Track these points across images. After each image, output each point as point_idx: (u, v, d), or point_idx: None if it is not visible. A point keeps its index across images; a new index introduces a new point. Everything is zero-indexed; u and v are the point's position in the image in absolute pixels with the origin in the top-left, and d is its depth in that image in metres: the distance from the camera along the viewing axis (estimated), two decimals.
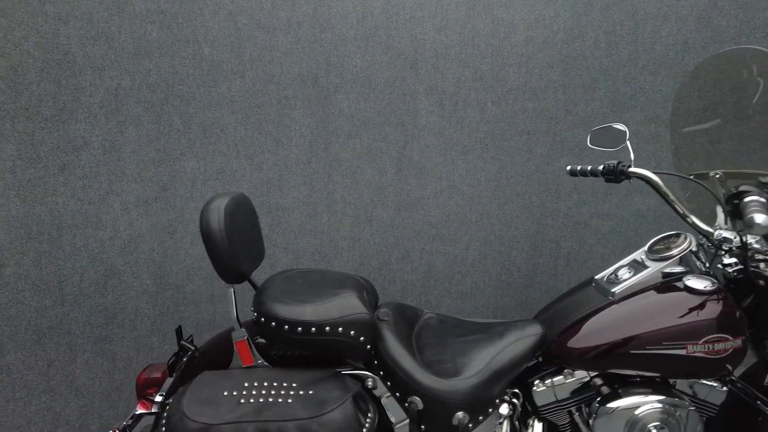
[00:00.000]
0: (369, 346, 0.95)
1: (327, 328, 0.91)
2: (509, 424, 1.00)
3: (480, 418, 0.96)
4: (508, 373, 0.99)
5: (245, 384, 0.87)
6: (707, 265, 1.03)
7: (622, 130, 1.00)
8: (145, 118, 1.58)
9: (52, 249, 1.53)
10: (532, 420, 1.05)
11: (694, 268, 1.03)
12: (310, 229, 1.79)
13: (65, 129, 1.50)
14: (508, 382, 0.99)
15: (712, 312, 0.93)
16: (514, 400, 1.03)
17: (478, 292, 1.91)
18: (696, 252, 1.06)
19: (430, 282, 1.89)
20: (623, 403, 0.94)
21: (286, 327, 0.91)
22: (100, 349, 1.63)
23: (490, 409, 0.97)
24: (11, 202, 1.46)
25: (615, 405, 0.94)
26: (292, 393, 0.86)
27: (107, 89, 1.52)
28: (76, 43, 1.48)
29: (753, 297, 0.99)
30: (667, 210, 1.86)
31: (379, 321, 1.03)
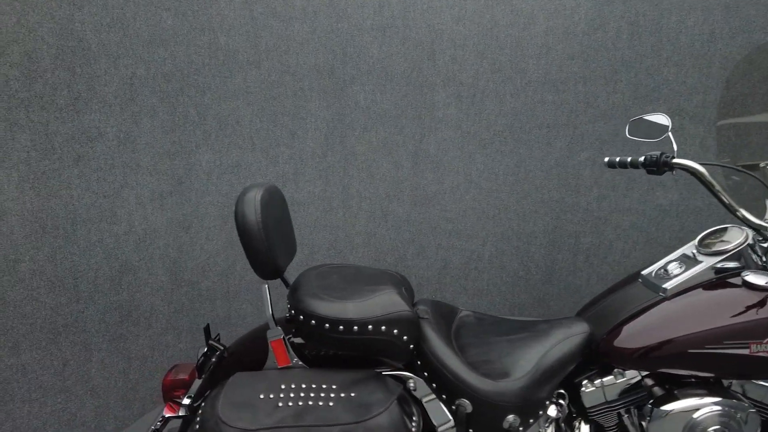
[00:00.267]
0: (412, 346, 0.91)
1: (369, 327, 0.87)
2: (555, 427, 0.97)
3: (531, 421, 0.93)
4: (557, 373, 0.95)
5: (282, 386, 0.83)
6: (764, 260, 0.98)
7: (663, 122, 0.96)
8: (160, 108, 1.54)
9: (66, 244, 1.50)
10: (578, 422, 1.01)
11: (750, 263, 0.98)
12: (325, 224, 1.75)
13: (80, 119, 1.47)
14: (557, 382, 0.96)
15: None
16: (561, 401, 0.99)
17: (495, 288, 1.88)
18: (752, 245, 1.01)
19: (445, 278, 1.86)
20: (680, 405, 0.90)
21: (326, 325, 0.87)
22: (115, 348, 1.60)
23: (540, 411, 0.94)
24: (26, 195, 1.43)
25: (671, 407, 0.90)
26: (333, 395, 0.82)
27: (122, 78, 1.49)
28: (91, 30, 1.44)
29: None
30: (690, 205, 1.82)
31: (420, 319, 0.98)
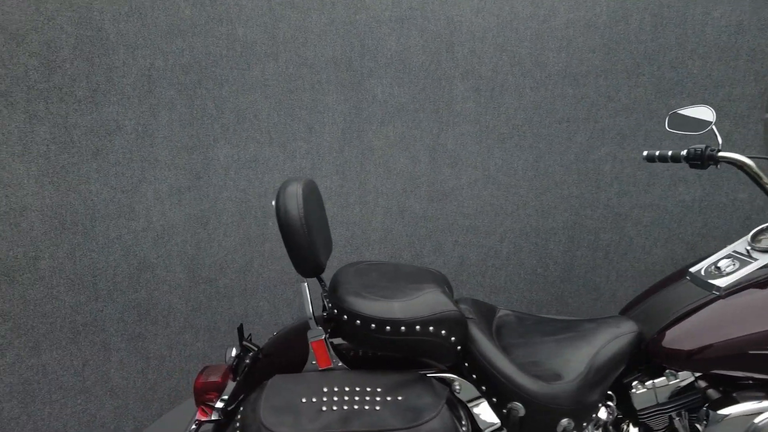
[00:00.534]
0: (459, 347, 0.88)
1: (417, 327, 0.84)
2: (603, 430, 0.94)
3: (584, 425, 0.89)
4: (609, 374, 0.92)
5: (324, 389, 0.80)
6: None
7: (707, 115, 0.93)
8: (178, 101, 1.52)
9: (86, 241, 1.48)
10: (627, 425, 0.98)
11: None
12: (342, 220, 1.73)
13: (98, 111, 1.44)
14: (609, 384, 0.92)
15: None
16: (609, 403, 0.96)
17: (512, 285, 1.86)
18: None
19: (462, 275, 1.84)
20: (739, 409, 0.86)
21: (372, 325, 0.83)
22: (134, 347, 1.59)
23: (593, 414, 0.90)
24: (45, 189, 1.41)
25: (729, 411, 0.87)
26: (379, 399, 0.78)
27: (140, 69, 1.46)
28: (109, 19, 1.41)
29: None
30: (714, 201, 1.79)
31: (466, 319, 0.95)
